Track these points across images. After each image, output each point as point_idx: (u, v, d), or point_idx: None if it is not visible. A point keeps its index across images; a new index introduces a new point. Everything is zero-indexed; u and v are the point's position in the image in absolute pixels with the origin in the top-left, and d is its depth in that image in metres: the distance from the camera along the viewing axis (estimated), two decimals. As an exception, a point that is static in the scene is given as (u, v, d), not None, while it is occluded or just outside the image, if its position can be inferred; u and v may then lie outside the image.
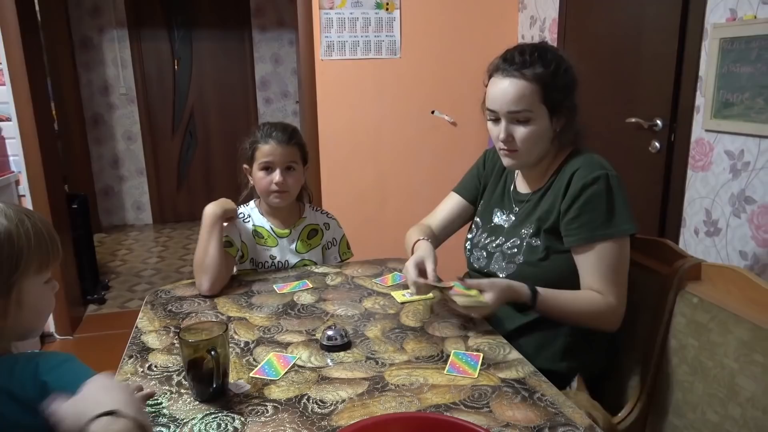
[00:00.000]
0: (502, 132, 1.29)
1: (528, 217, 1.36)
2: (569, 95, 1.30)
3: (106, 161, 5.15)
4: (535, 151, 1.31)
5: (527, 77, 1.25)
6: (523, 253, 1.33)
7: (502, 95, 1.27)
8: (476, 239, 1.48)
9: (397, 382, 1.04)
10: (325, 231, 1.74)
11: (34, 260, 0.79)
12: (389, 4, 2.89)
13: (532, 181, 1.40)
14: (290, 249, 1.68)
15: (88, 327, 3.18)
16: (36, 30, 3.17)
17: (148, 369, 1.11)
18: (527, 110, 1.26)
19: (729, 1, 1.77)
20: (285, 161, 1.60)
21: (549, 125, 1.29)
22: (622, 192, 1.26)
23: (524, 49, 1.28)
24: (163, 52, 5.10)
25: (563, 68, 1.28)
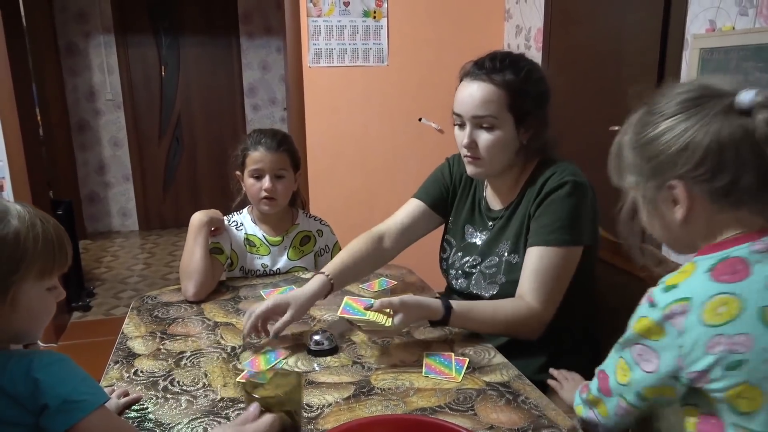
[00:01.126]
0: (466, 137, 1.26)
1: (502, 234, 1.33)
2: (539, 106, 1.27)
3: (91, 167, 5.11)
4: (498, 160, 1.27)
5: (495, 82, 1.22)
6: (503, 272, 1.31)
7: (468, 99, 1.24)
8: (451, 259, 1.44)
9: (383, 386, 1.05)
10: (318, 238, 1.74)
11: (37, 265, 0.78)
12: (377, 12, 2.91)
13: (503, 194, 1.37)
14: (282, 257, 1.68)
15: (73, 334, 3.15)
16: (21, 35, 3.16)
17: (134, 374, 1.10)
18: (492, 116, 1.23)
19: (708, 13, 1.81)
20: (274, 168, 1.60)
21: (514, 135, 1.25)
22: (588, 201, 1.23)
23: (496, 55, 1.26)
24: (150, 57, 5.09)
25: (534, 78, 1.25)
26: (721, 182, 0.71)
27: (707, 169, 0.71)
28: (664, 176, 0.74)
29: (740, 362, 0.67)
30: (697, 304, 0.69)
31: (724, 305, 0.67)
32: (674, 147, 0.73)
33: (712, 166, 0.71)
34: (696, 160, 0.71)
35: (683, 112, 0.73)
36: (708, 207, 0.73)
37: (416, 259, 1.73)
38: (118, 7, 4.88)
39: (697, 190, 0.73)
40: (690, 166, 0.72)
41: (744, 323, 0.67)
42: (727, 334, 0.67)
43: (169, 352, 1.19)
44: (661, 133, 0.75)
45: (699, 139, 0.70)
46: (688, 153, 0.71)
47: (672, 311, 0.70)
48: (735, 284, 0.68)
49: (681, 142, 0.72)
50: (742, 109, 0.70)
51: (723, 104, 0.71)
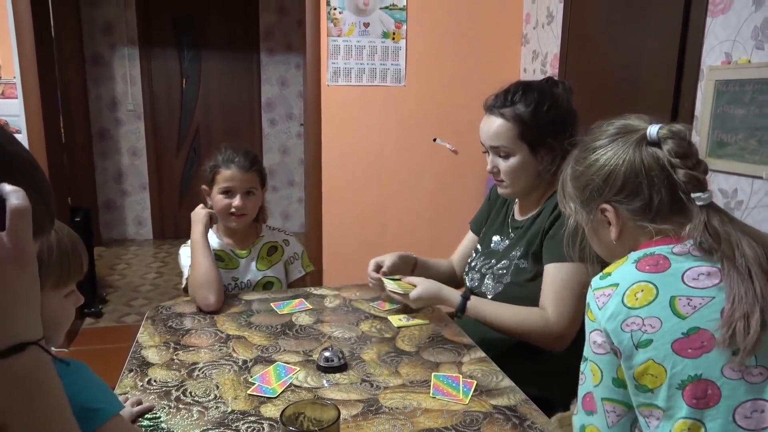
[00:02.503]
0: (489, 164, 1.43)
1: (519, 241, 1.44)
2: (553, 132, 1.35)
3: (109, 175, 5.20)
4: (520, 183, 1.41)
5: (506, 116, 1.36)
6: (510, 273, 1.42)
7: (485, 131, 1.41)
8: (474, 263, 1.57)
9: (391, 405, 1.06)
10: (285, 247, 1.79)
11: (53, 275, 0.80)
12: (396, 33, 2.97)
13: (526, 208, 1.49)
14: (251, 268, 1.71)
15: (84, 340, 3.18)
16: (50, 46, 3.25)
17: (148, 383, 1.13)
18: (505, 146, 1.37)
19: (725, 45, 1.83)
20: (245, 186, 1.65)
21: (532, 159, 1.38)
22: None
23: (510, 89, 1.39)
24: (172, 70, 5.19)
25: (545, 107, 1.35)
26: (639, 203, 0.84)
27: (627, 193, 0.85)
28: (596, 201, 0.88)
29: (649, 341, 0.76)
30: (621, 288, 0.80)
31: (641, 291, 0.78)
32: (600, 176, 0.86)
33: (630, 190, 0.84)
34: (618, 186, 0.85)
35: (606, 146, 0.87)
36: (634, 224, 0.86)
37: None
38: (144, 20, 5.00)
39: (622, 210, 0.86)
40: (614, 191, 0.85)
41: (656, 308, 0.77)
42: (641, 316, 0.77)
43: (182, 363, 1.22)
44: (590, 164, 0.88)
45: (618, 167, 0.85)
46: (612, 180, 0.85)
47: (602, 293, 0.81)
48: (654, 275, 0.79)
49: (605, 171, 0.86)
50: (651, 141, 0.84)
51: (637, 137, 0.85)
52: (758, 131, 1.69)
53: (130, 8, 4.95)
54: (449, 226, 3.11)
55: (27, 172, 0.61)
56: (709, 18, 1.89)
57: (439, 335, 1.38)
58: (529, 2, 3.05)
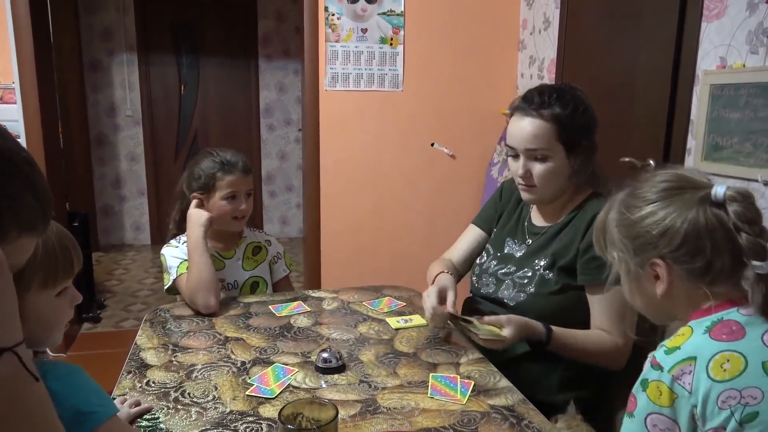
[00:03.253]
0: (521, 168, 1.36)
1: (542, 250, 1.40)
2: (587, 134, 1.36)
3: (108, 181, 5.20)
4: (552, 187, 1.37)
5: (545, 117, 1.32)
6: (534, 284, 1.37)
7: (520, 133, 1.34)
8: (485, 265, 1.52)
9: (389, 405, 1.07)
10: (268, 247, 1.81)
11: (38, 275, 0.79)
12: (393, 39, 2.98)
13: (548, 215, 1.45)
14: (237, 268, 1.72)
15: (82, 345, 3.18)
16: (49, 51, 3.26)
17: (146, 384, 1.13)
18: (544, 148, 1.32)
19: (719, 50, 1.85)
20: (247, 189, 1.68)
21: (566, 162, 1.35)
22: None
23: (543, 90, 1.36)
24: (170, 76, 5.21)
25: (581, 109, 1.35)
26: (699, 263, 0.79)
27: (686, 252, 0.80)
28: (647, 255, 0.83)
29: (755, 414, 0.70)
30: (702, 362, 0.73)
31: (727, 361, 0.72)
32: (656, 230, 0.81)
33: (690, 250, 0.79)
34: (676, 244, 0.80)
35: (665, 200, 0.82)
36: (686, 284, 0.81)
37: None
38: (142, 26, 5.02)
39: (676, 268, 0.81)
40: (671, 248, 0.80)
41: (750, 377, 0.71)
42: (737, 388, 0.70)
43: (180, 365, 1.22)
44: (644, 217, 0.83)
45: (678, 225, 0.80)
46: (669, 236, 0.80)
47: (681, 371, 0.74)
48: (734, 342, 0.74)
49: (662, 226, 0.81)
50: (716, 201, 0.79)
51: (699, 195, 0.80)
52: (753, 135, 1.70)
53: (128, 14, 4.97)
54: (447, 231, 3.11)
55: (20, 170, 0.61)
56: (703, 23, 1.90)
57: (436, 337, 1.39)
58: (525, 8, 3.08)
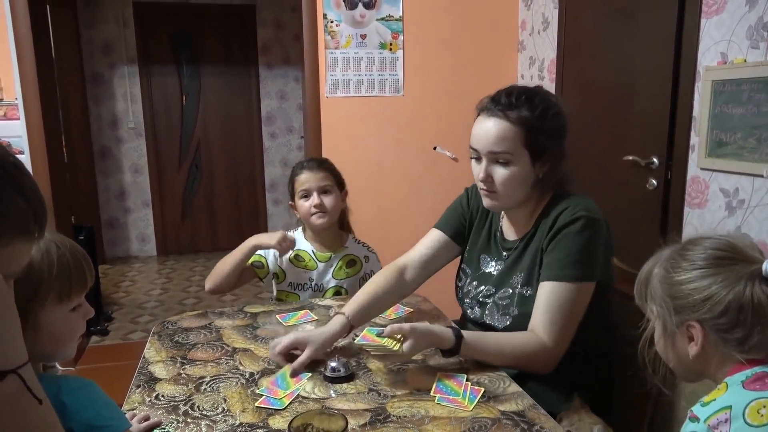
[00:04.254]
0: (482, 171, 1.28)
1: (516, 266, 1.34)
2: (555, 141, 1.28)
3: (112, 193, 5.22)
4: (515, 194, 1.29)
5: (511, 119, 1.24)
6: (516, 304, 1.31)
7: (484, 135, 1.26)
8: (466, 288, 1.46)
9: (399, 413, 1.06)
10: (364, 263, 1.84)
11: (53, 290, 0.80)
12: (393, 44, 2.99)
13: (518, 226, 1.38)
14: (328, 274, 1.78)
15: (91, 358, 3.18)
16: (51, 66, 3.28)
17: (155, 398, 1.13)
18: (507, 152, 1.25)
19: (720, 45, 1.84)
20: (319, 185, 1.75)
21: (531, 169, 1.27)
22: (601, 236, 1.24)
23: (512, 91, 1.27)
24: (172, 87, 5.23)
25: (551, 113, 1.26)
26: (737, 335, 0.80)
27: (726, 322, 0.80)
28: (685, 316, 0.83)
29: None
30: (738, 410, 0.74)
31: (764, 407, 0.73)
32: (699, 295, 0.82)
33: (730, 320, 0.80)
34: (718, 312, 0.80)
35: (713, 267, 0.82)
36: (720, 350, 0.82)
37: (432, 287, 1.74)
38: (142, 38, 5.04)
39: (712, 334, 0.82)
40: (711, 315, 0.81)
41: None
42: None
43: (189, 377, 1.22)
44: (689, 280, 0.83)
45: (723, 294, 0.80)
46: (711, 303, 0.80)
47: (717, 420, 0.75)
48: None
49: (707, 293, 0.81)
50: (767, 277, 0.79)
51: (750, 270, 0.80)
52: (757, 129, 1.70)
53: (128, 27, 5.00)
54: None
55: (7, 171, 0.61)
56: (703, 19, 1.90)
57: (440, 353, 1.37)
58: (524, 9, 3.08)
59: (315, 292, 1.77)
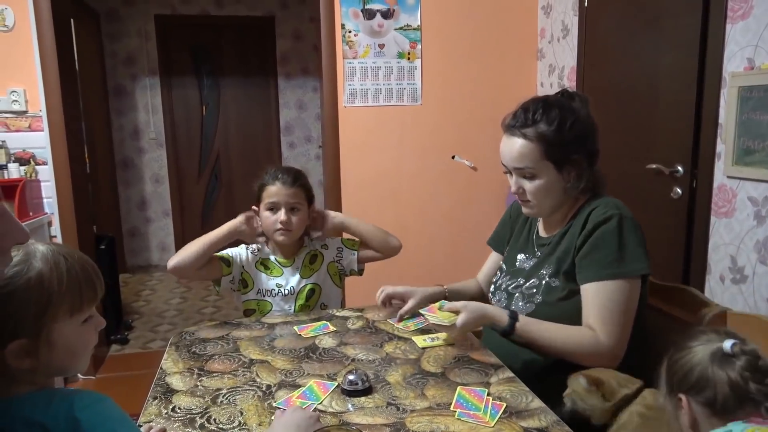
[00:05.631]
0: (513, 185, 1.39)
1: (547, 258, 1.40)
2: (578, 147, 1.32)
3: (133, 203, 5.29)
4: (547, 202, 1.37)
5: (528, 137, 1.31)
6: (541, 292, 1.36)
7: (508, 153, 1.36)
8: (498, 282, 1.53)
9: (418, 429, 1.04)
10: (324, 252, 1.81)
11: (65, 304, 0.79)
12: (411, 53, 2.98)
13: (552, 226, 1.45)
14: (294, 276, 1.75)
15: (111, 367, 3.20)
16: (74, 79, 3.34)
17: (172, 411, 1.12)
18: (530, 167, 1.33)
19: (746, 51, 1.80)
20: (289, 202, 1.68)
21: (557, 178, 1.34)
22: (636, 233, 1.28)
23: (529, 107, 1.34)
24: (192, 98, 5.29)
25: (569, 124, 1.31)
26: (705, 398, 0.88)
27: (698, 389, 0.89)
28: (675, 391, 0.93)
29: None
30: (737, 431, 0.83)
31: (758, 430, 0.81)
32: (683, 370, 0.92)
33: (700, 386, 0.89)
34: (692, 382, 0.90)
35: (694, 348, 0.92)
36: (705, 416, 0.89)
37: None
38: (164, 51, 5.12)
39: (693, 404, 0.90)
40: (687, 385, 0.90)
41: None
42: None
43: (206, 389, 1.21)
44: (678, 359, 0.94)
45: (695, 366, 0.90)
46: (688, 375, 0.90)
47: None
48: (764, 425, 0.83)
49: (687, 367, 0.91)
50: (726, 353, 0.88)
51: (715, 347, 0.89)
52: (786, 137, 1.65)
53: (150, 40, 5.08)
54: (470, 244, 3.08)
55: None
56: (728, 24, 1.86)
57: (465, 355, 1.35)
58: (543, 17, 3.05)
59: (286, 296, 1.73)
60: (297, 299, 1.73)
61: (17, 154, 2.86)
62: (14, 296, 0.76)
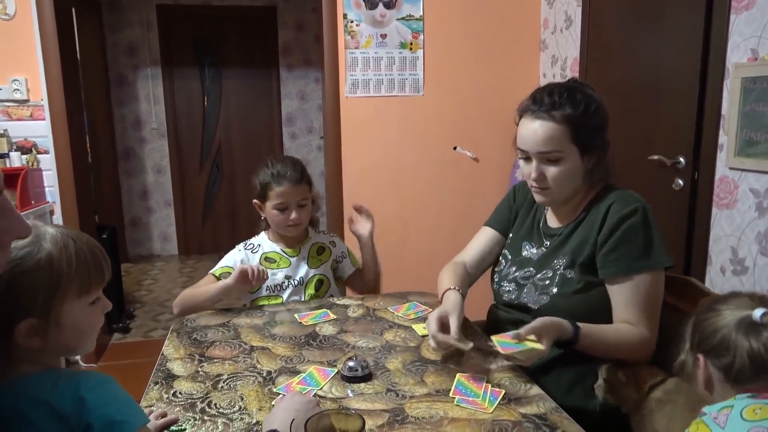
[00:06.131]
0: (534, 171, 1.32)
1: (559, 249, 1.37)
2: (600, 133, 1.33)
3: (135, 193, 5.30)
4: (567, 188, 1.34)
5: (556, 119, 1.28)
6: (556, 284, 1.34)
7: (532, 136, 1.30)
8: (504, 272, 1.49)
9: (417, 414, 1.04)
10: (332, 248, 1.83)
11: (74, 285, 0.81)
12: (413, 44, 2.97)
13: (563, 215, 1.42)
14: (302, 266, 1.75)
15: (113, 355, 3.22)
16: (76, 69, 3.33)
17: (173, 395, 1.13)
18: (557, 151, 1.29)
19: (750, 42, 1.79)
20: (298, 199, 1.69)
21: (580, 163, 1.32)
22: (657, 225, 1.28)
23: (553, 90, 1.31)
24: (194, 89, 5.28)
25: (593, 108, 1.30)
26: (724, 362, 0.87)
27: (717, 353, 0.89)
28: (696, 350, 0.93)
29: None
30: (737, 409, 0.83)
31: (759, 409, 0.81)
32: (706, 332, 0.91)
33: (720, 351, 0.88)
34: (713, 344, 0.89)
35: (723, 311, 0.90)
36: (719, 380, 0.90)
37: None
38: (166, 41, 5.11)
39: (711, 366, 0.90)
40: (709, 347, 0.90)
41: None
42: (765, 427, 0.79)
43: (206, 375, 1.22)
44: (704, 320, 0.93)
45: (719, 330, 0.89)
46: (711, 338, 0.90)
47: (718, 414, 0.84)
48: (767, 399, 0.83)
49: (711, 330, 0.90)
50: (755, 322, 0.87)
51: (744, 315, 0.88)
52: (789, 128, 1.64)
53: (152, 30, 5.07)
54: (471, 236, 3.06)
55: None
56: (732, 15, 1.85)
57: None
58: (546, 7, 3.04)
59: (296, 287, 1.72)
60: (306, 288, 1.73)
61: (19, 143, 2.86)
62: (25, 277, 0.77)
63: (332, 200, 3.08)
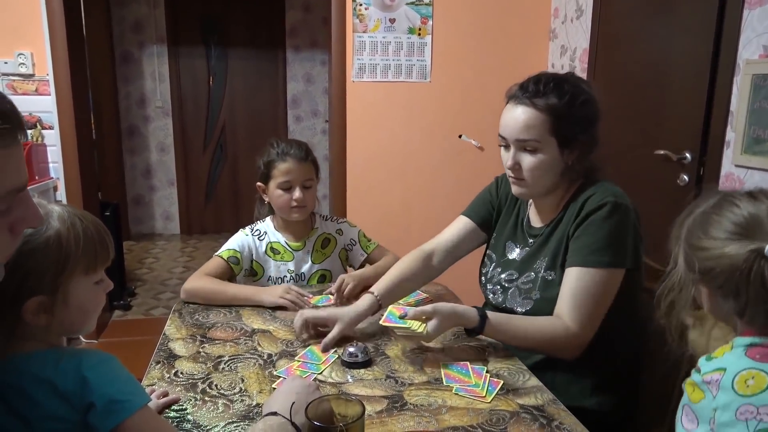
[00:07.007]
0: (510, 159, 1.29)
1: (540, 251, 1.33)
2: (585, 128, 1.26)
3: (138, 171, 5.30)
4: (543, 182, 1.29)
5: (538, 107, 1.23)
6: (538, 288, 1.30)
7: (512, 123, 1.26)
8: (490, 274, 1.45)
9: (416, 402, 1.05)
10: (338, 237, 1.78)
11: (81, 263, 0.82)
12: (422, 29, 2.95)
13: (544, 213, 1.38)
14: (306, 261, 1.72)
15: (113, 332, 3.25)
16: (82, 44, 3.31)
17: (174, 375, 1.14)
18: (534, 140, 1.24)
19: (762, 38, 1.77)
20: (303, 179, 1.65)
21: (559, 157, 1.26)
22: (630, 223, 1.23)
23: (540, 78, 1.26)
24: (199, 68, 5.26)
25: (580, 101, 1.24)
26: (733, 303, 0.81)
27: (724, 291, 0.82)
28: (698, 276, 0.86)
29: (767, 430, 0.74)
30: (729, 375, 0.78)
31: (752, 378, 0.77)
32: (707, 264, 0.83)
33: (727, 290, 0.81)
34: (719, 283, 0.82)
35: (725, 239, 0.82)
36: (726, 311, 0.84)
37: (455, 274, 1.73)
38: (172, 19, 5.07)
39: (716, 299, 0.85)
40: (713, 282, 0.83)
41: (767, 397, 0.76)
42: (755, 405, 0.75)
43: (208, 356, 1.23)
44: (704, 248, 0.84)
45: (725, 266, 0.80)
46: (714, 273, 0.82)
47: (710, 378, 0.80)
48: (764, 363, 0.78)
49: (711, 264, 0.82)
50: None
51: (757, 246, 0.78)
52: (798, 127, 1.63)
53: (159, 7, 5.03)
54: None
55: None
56: (746, 10, 1.82)
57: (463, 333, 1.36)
58: (557, -4, 3.00)
59: (297, 282, 1.70)
60: (308, 283, 1.72)
61: (24, 118, 2.85)
62: (34, 254, 0.78)
63: (335, 184, 3.08)
